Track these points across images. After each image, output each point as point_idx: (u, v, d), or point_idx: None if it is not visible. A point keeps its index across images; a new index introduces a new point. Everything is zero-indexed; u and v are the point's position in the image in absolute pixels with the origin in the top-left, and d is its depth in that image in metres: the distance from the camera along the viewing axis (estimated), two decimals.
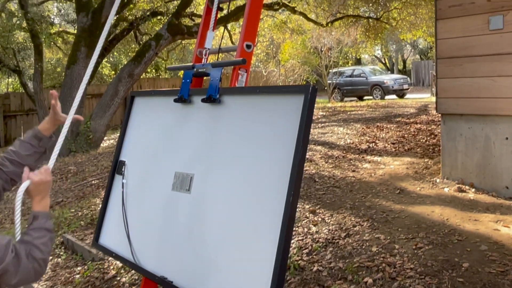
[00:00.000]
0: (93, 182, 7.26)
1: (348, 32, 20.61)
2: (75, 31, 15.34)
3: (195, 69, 2.70)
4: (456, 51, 5.72)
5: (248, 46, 2.64)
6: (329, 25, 18.21)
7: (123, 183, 2.83)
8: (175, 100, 2.63)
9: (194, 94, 2.59)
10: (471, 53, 5.58)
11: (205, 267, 2.20)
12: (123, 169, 2.89)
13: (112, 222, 2.88)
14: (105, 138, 12.34)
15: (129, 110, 3.06)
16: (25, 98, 16.19)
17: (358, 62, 38.18)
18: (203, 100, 2.46)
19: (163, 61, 22.14)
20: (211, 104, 2.44)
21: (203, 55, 2.81)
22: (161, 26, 13.81)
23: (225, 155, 2.29)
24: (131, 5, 15.98)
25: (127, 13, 16.20)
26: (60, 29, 19.40)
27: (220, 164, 2.30)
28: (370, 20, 18.33)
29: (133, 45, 18.93)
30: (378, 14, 17.97)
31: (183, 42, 19.32)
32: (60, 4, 20.12)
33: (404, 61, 43.61)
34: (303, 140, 1.92)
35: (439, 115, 6.12)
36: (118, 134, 3.47)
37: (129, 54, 20.10)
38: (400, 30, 19.41)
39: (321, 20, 18.30)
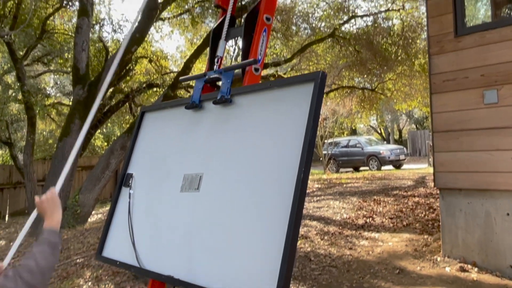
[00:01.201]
0: (78, 260, 6.92)
1: (343, 103, 20.80)
2: (70, 103, 15.33)
3: (206, 76, 2.72)
4: (452, 125, 5.60)
5: None
6: (324, 95, 18.35)
7: (130, 194, 2.80)
8: (187, 107, 2.63)
9: (205, 99, 2.59)
10: (467, 127, 5.47)
11: (213, 261, 2.11)
12: (130, 181, 2.86)
13: (117, 233, 2.80)
14: (93, 212, 11.95)
15: (138, 125, 3.05)
16: (14, 170, 15.83)
17: (353, 132, 38.44)
18: (214, 102, 2.45)
19: None
20: (222, 105, 2.45)
21: (215, 63, 2.83)
22: (156, 98, 13.82)
23: (235, 151, 2.27)
24: (128, 77, 16.13)
25: (123, 85, 16.30)
26: (55, 101, 19.45)
27: (230, 160, 2.26)
28: (365, 90, 18.53)
29: (127, 116, 18.92)
30: (373, 85, 18.20)
31: None
32: (57, 76, 20.31)
33: (400, 131, 43.93)
34: (313, 121, 1.94)
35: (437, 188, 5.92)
36: (109, 205, 3.34)
37: (123, 125, 20.08)
38: (395, 100, 19.60)
39: None
